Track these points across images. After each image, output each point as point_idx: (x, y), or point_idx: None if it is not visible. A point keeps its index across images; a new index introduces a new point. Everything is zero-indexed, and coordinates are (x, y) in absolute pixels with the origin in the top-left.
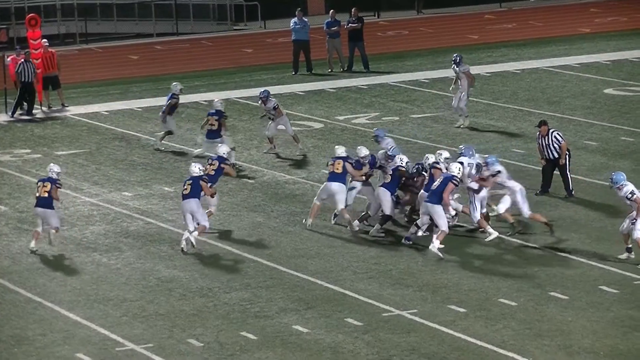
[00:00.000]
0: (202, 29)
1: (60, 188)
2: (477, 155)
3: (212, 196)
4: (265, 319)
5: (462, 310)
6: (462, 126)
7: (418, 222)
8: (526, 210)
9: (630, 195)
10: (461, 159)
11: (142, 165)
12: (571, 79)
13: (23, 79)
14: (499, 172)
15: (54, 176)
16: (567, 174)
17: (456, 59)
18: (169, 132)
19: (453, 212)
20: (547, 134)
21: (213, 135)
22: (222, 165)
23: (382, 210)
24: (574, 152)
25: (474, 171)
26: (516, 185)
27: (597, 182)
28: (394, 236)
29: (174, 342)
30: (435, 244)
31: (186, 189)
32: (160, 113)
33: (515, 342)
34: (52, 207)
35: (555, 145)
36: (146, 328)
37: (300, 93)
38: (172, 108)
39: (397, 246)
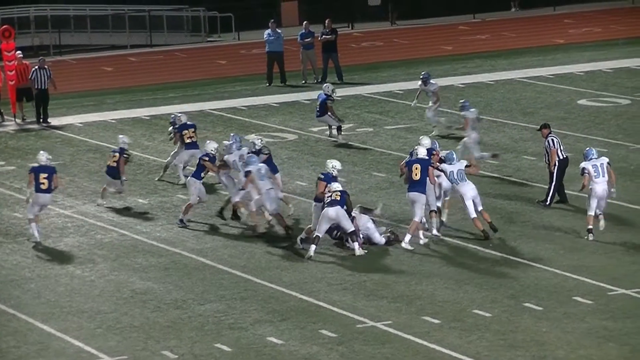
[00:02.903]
0: (176, 40)
1: (127, 159)
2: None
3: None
4: (240, 331)
5: (436, 321)
6: (435, 134)
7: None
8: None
9: (608, 165)
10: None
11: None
12: (545, 90)
13: (37, 86)
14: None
15: (125, 147)
16: (551, 183)
17: (425, 78)
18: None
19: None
20: (546, 138)
21: (193, 146)
22: (201, 161)
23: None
24: (550, 165)
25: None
26: (468, 190)
27: (571, 193)
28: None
29: (148, 354)
30: (407, 238)
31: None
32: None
33: (490, 353)
34: (118, 178)
35: (548, 150)
36: (120, 340)
37: (274, 104)
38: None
39: (372, 257)
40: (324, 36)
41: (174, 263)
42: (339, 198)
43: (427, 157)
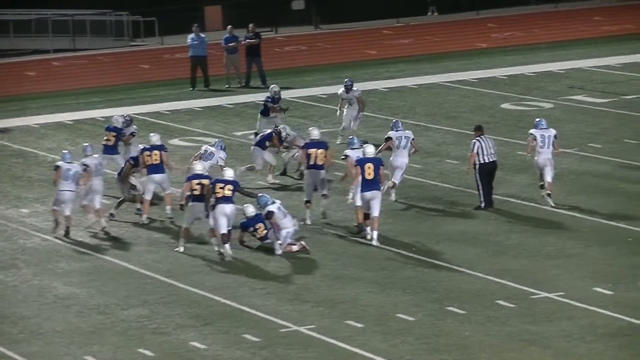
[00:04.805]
0: (99, 45)
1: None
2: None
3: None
4: (163, 336)
5: (359, 325)
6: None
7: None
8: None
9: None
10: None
11: (39, 182)
12: (468, 94)
13: None
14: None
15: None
16: (477, 186)
17: (348, 84)
18: None
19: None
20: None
21: (110, 150)
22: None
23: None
24: (467, 167)
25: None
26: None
27: (495, 197)
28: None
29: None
30: (375, 235)
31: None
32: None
33: (413, 357)
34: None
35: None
36: (43, 345)
37: (198, 109)
38: None
39: (295, 261)
40: (247, 40)
41: (97, 268)
42: (230, 194)
43: (378, 157)
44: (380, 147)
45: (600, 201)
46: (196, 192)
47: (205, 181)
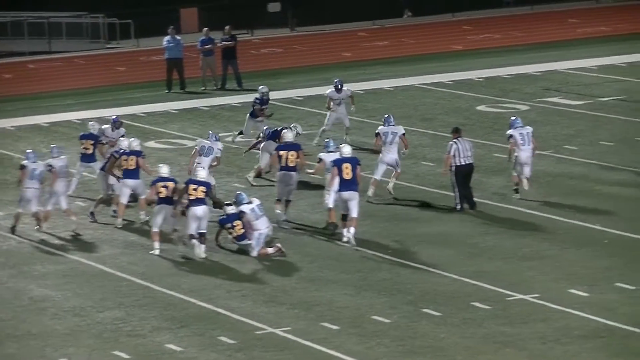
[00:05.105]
0: (75, 47)
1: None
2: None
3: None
4: (138, 338)
5: (335, 327)
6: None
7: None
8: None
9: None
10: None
11: (14, 185)
12: (444, 96)
13: None
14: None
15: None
16: (453, 188)
17: (338, 84)
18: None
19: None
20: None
21: (88, 158)
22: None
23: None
24: (443, 169)
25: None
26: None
27: (477, 200)
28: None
29: None
30: (352, 231)
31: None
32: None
33: (389, 359)
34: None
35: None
36: (19, 348)
37: (174, 111)
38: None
39: (271, 264)
40: (223, 42)
41: (72, 270)
42: (203, 196)
43: (355, 156)
44: (374, 143)
45: (576, 203)
46: (162, 195)
47: (170, 184)
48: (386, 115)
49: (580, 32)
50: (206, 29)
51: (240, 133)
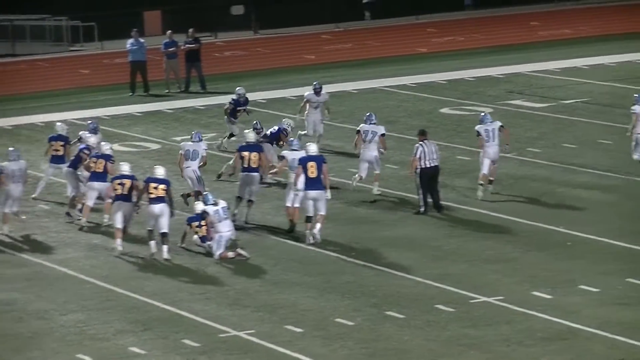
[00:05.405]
0: (39, 50)
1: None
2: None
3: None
4: (102, 341)
5: (299, 330)
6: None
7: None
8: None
9: (502, 127)
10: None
11: None
12: (408, 99)
13: None
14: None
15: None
16: (417, 190)
17: (317, 87)
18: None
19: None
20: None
21: (58, 160)
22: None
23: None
24: (408, 171)
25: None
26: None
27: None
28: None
29: None
30: (318, 228)
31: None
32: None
33: None
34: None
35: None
36: None
37: (137, 114)
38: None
39: (234, 266)
40: (187, 45)
41: (35, 273)
42: (164, 193)
43: (320, 155)
44: (354, 140)
45: (539, 205)
46: (117, 192)
47: (127, 181)
48: (368, 114)
49: (543, 34)
50: (170, 31)
51: (232, 135)
